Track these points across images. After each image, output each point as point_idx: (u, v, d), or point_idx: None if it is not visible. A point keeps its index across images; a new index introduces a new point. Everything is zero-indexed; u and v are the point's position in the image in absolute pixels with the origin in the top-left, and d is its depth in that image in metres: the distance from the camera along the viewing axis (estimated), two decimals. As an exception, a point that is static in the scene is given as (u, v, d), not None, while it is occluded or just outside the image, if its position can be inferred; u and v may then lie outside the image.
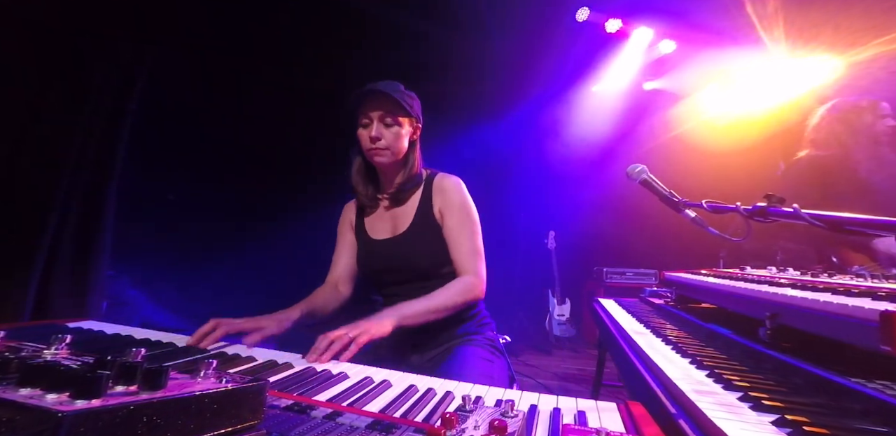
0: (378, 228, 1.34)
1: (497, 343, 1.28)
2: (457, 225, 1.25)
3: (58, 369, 0.35)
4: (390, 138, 1.24)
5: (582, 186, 4.84)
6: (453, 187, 1.29)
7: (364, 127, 1.24)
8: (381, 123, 1.23)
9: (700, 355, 0.83)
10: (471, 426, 0.47)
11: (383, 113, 1.23)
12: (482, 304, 1.33)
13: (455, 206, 1.27)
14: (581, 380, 3.08)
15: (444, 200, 1.28)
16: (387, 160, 1.26)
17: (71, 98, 2.29)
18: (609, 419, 0.59)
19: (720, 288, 1.13)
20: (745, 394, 0.61)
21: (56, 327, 0.98)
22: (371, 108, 1.23)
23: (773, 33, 3.32)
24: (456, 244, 1.24)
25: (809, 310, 0.72)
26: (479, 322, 1.30)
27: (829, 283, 0.90)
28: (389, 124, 1.24)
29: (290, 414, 0.51)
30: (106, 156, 2.41)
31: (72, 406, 0.31)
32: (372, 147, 1.23)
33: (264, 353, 0.86)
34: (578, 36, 4.32)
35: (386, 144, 1.23)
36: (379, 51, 3.95)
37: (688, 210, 1.15)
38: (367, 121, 1.23)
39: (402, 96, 1.23)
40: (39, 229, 2.16)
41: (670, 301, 1.62)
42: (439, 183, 1.31)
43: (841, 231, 0.70)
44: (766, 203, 0.85)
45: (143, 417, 0.34)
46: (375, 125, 1.22)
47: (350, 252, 1.40)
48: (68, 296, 2.23)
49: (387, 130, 1.24)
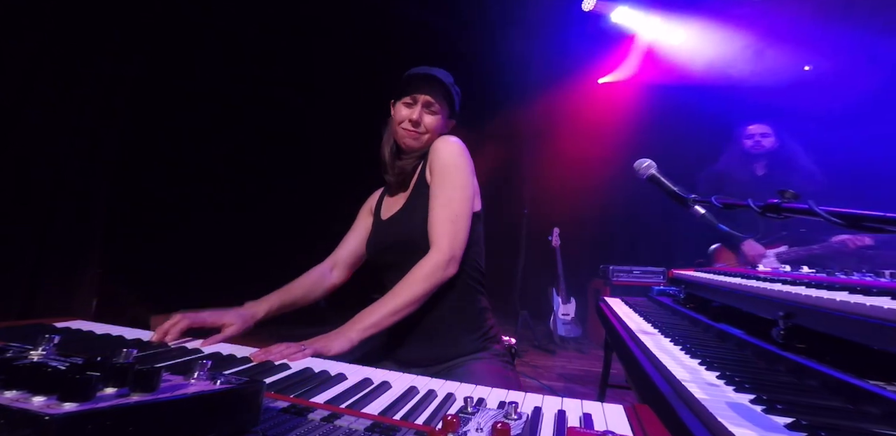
0: (389, 208, 1.32)
1: (507, 357, 1.24)
2: (434, 189, 1.16)
3: (45, 371, 0.35)
4: (429, 125, 1.25)
5: (587, 182, 4.83)
6: (442, 147, 1.21)
7: (406, 106, 1.24)
8: (425, 108, 1.24)
9: (710, 356, 0.83)
10: (473, 429, 0.46)
11: (430, 99, 1.23)
12: (489, 312, 1.27)
13: (437, 167, 1.18)
14: (587, 381, 3.09)
15: (432, 161, 1.21)
16: (417, 145, 1.26)
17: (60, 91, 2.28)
18: (616, 422, 0.59)
19: (731, 286, 1.12)
20: (757, 397, 0.61)
21: (43, 326, 0.97)
22: (421, 90, 1.23)
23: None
24: (431, 212, 1.13)
25: (825, 309, 0.71)
26: (486, 334, 1.21)
27: (846, 281, 0.90)
28: (433, 112, 1.25)
29: (287, 416, 0.50)
30: (96, 150, 2.41)
31: (60, 409, 0.31)
32: (410, 129, 1.23)
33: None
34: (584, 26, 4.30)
35: (424, 130, 1.24)
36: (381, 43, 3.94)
37: (697, 206, 1.15)
38: (412, 102, 1.24)
39: (452, 88, 1.26)
40: (26, 225, 2.16)
41: (679, 300, 1.62)
42: (433, 145, 1.24)
43: (859, 228, 0.70)
44: (780, 199, 0.85)
45: (135, 420, 0.34)
46: (419, 109, 1.23)
47: (360, 236, 1.39)
48: (56, 294, 2.24)
49: (428, 115, 1.25)
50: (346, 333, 0.96)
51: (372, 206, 1.42)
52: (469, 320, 1.20)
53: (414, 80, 1.24)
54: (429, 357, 1.16)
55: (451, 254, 1.09)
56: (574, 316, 4.29)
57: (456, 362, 1.15)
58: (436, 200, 1.14)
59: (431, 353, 1.16)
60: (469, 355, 1.17)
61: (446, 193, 1.14)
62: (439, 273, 1.07)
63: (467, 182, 1.18)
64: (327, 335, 0.95)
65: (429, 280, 1.05)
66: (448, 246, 1.09)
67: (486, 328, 1.22)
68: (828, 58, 3.90)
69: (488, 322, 1.25)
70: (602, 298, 1.91)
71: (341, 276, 1.39)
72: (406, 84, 1.25)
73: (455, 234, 1.10)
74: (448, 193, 1.14)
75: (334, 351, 0.90)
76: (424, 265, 1.07)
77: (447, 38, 4.04)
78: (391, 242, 1.23)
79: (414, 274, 1.06)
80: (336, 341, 0.92)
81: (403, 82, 1.25)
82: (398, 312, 1.02)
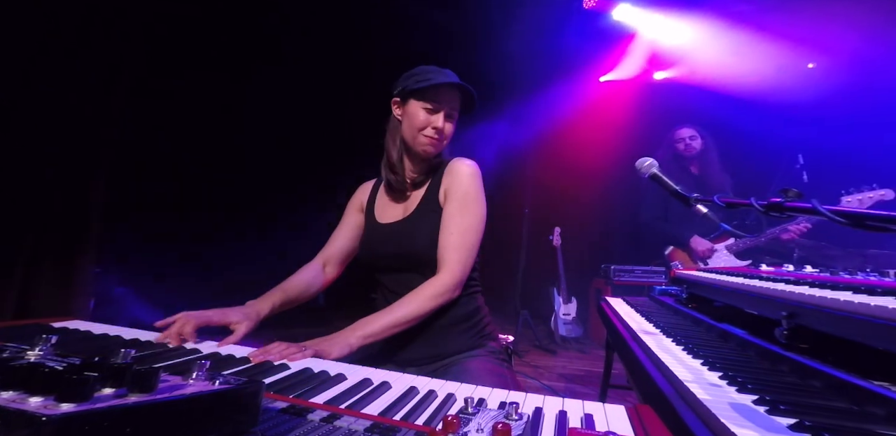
0: (387, 213, 1.34)
1: (503, 354, 1.25)
2: (452, 212, 1.21)
3: (42, 371, 0.35)
4: (447, 133, 1.27)
5: (588, 180, 4.83)
6: (463, 172, 1.26)
7: (428, 112, 1.24)
8: (446, 116, 1.25)
9: (713, 357, 0.83)
10: (473, 430, 0.46)
11: (452, 108, 1.26)
12: (485, 310, 1.30)
13: (458, 192, 1.24)
14: (588, 382, 3.09)
15: (450, 184, 1.26)
16: (436, 152, 1.28)
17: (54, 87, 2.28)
18: (618, 423, 0.59)
19: (734, 286, 1.12)
20: (760, 397, 0.61)
21: (40, 326, 0.97)
22: (449, 98, 1.25)
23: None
24: (444, 233, 1.19)
25: (829, 309, 0.71)
26: (481, 332, 1.25)
27: (850, 281, 0.90)
28: (452, 119, 1.28)
29: (286, 417, 0.50)
30: (92, 146, 2.41)
31: (57, 410, 0.30)
32: (434, 137, 1.24)
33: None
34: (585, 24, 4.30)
35: (443, 138, 1.27)
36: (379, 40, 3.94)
37: (699, 205, 1.15)
38: (435, 108, 1.24)
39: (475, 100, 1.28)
40: (22, 223, 2.15)
41: (681, 300, 1.62)
42: (452, 166, 1.29)
43: (863, 227, 0.69)
44: (783, 197, 0.85)
45: (133, 421, 0.33)
46: (443, 117, 1.24)
47: (350, 233, 1.41)
48: (53, 294, 2.23)
49: (447, 123, 1.26)
50: (346, 338, 0.97)
51: (363, 202, 1.42)
52: (464, 318, 1.22)
53: (440, 87, 1.23)
54: (425, 356, 1.18)
55: (461, 278, 1.16)
56: (575, 316, 4.29)
57: (452, 360, 1.18)
58: (454, 225, 1.19)
59: (427, 351, 1.18)
60: (464, 352, 1.19)
61: (466, 221, 1.20)
62: (447, 295, 1.14)
63: (484, 213, 1.25)
64: (328, 338, 0.96)
65: (436, 300, 1.12)
66: (459, 272, 1.16)
67: (481, 326, 1.26)
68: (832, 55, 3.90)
69: (484, 320, 1.28)
70: (603, 298, 1.91)
71: (334, 272, 1.41)
72: (428, 87, 1.22)
73: (466, 260, 1.18)
74: (467, 221, 1.21)
75: (334, 356, 0.91)
76: (435, 285, 1.13)
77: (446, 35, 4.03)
78: (391, 252, 1.25)
79: (423, 292, 1.11)
80: (336, 345, 0.94)
81: (423, 83, 1.22)
82: (400, 326, 1.06)
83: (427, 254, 1.20)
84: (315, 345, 0.90)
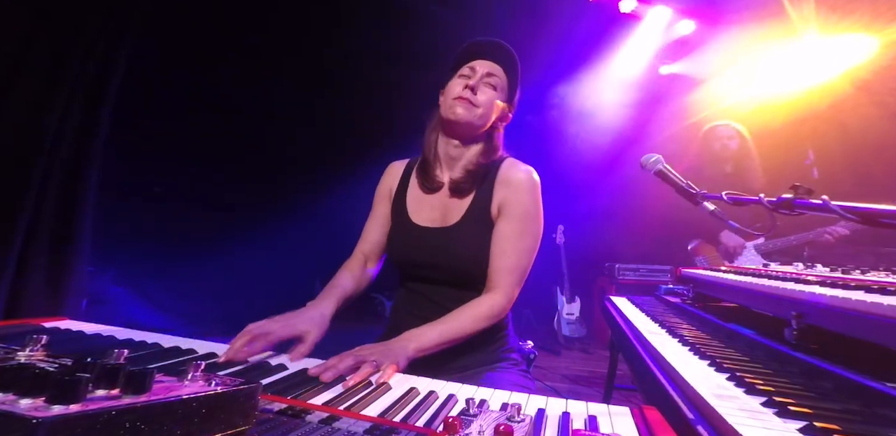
0: (424, 213, 1.22)
1: (524, 365, 1.23)
2: (510, 233, 1.13)
3: (33, 372, 0.35)
4: (484, 98, 1.15)
5: (593, 177, 4.82)
6: (523, 184, 1.16)
7: (462, 78, 1.16)
8: (483, 81, 1.16)
9: (720, 357, 0.83)
10: (475, 431, 0.46)
11: (490, 71, 1.17)
12: (510, 325, 1.26)
13: (517, 210, 1.15)
14: (592, 383, 3.10)
15: (508, 198, 1.16)
16: (467, 117, 1.13)
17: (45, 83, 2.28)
18: (622, 425, 0.59)
19: (742, 285, 1.12)
20: (769, 399, 0.61)
21: (31, 326, 0.97)
22: (483, 57, 1.18)
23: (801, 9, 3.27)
24: (499, 253, 1.12)
25: (840, 309, 0.71)
26: (504, 345, 1.21)
27: (862, 280, 0.90)
28: (492, 85, 1.17)
29: (283, 419, 0.50)
30: (83, 142, 2.40)
31: (48, 412, 0.30)
32: (463, 96, 1.13)
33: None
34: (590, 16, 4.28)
35: (477, 102, 1.14)
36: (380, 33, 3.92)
37: (706, 202, 1.14)
38: (470, 72, 1.17)
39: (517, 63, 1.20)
40: (12, 219, 2.15)
41: (687, 299, 1.62)
42: (507, 173, 1.18)
43: (876, 224, 0.69)
44: (793, 194, 0.85)
45: (126, 423, 0.33)
46: (478, 78, 1.15)
47: (383, 227, 1.30)
48: (44, 293, 2.23)
49: (487, 88, 1.16)
50: (405, 350, 0.90)
51: (392, 188, 1.31)
52: (496, 330, 1.19)
53: (475, 47, 1.16)
54: (450, 367, 1.13)
55: (511, 302, 1.13)
56: (579, 316, 4.29)
57: (475, 372, 1.14)
58: (511, 249, 1.13)
59: (452, 363, 1.13)
60: (489, 365, 1.16)
61: (524, 244, 1.14)
62: (500, 317, 1.12)
63: (541, 230, 1.19)
64: (388, 348, 0.88)
65: (489, 321, 1.09)
66: (512, 293, 1.13)
67: (506, 339, 1.23)
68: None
69: (509, 334, 1.25)
70: (607, 297, 1.91)
71: (373, 267, 1.32)
72: (463, 54, 1.17)
73: (521, 282, 1.15)
74: (526, 243, 1.15)
75: (401, 369, 0.84)
76: (493, 307, 1.09)
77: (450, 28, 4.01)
78: (428, 261, 1.18)
79: (478, 312, 1.07)
80: (401, 358, 0.86)
81: (459, 56, 1.17)
82: (451, 343, 1.02)
83: (468, 270, 1.15)
84: (382, 356, 0.82)
